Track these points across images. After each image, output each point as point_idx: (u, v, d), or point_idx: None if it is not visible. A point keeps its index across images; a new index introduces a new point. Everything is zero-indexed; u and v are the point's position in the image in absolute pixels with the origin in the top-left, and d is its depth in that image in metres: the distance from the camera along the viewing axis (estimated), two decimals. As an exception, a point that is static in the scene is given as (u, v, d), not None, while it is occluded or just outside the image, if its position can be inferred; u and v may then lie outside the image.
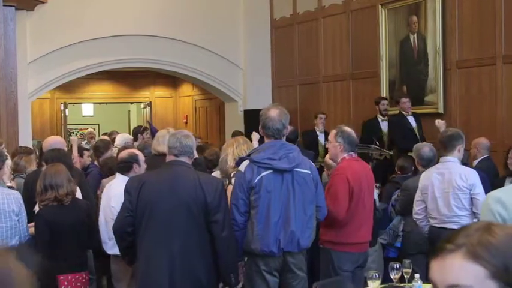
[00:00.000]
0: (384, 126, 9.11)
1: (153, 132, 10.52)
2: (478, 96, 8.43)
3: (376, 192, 5.70)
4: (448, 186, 5.19)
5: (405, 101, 8.65)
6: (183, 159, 4.18)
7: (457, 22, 8.59)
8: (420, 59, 9.10)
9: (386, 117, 9.11)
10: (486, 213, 3.03)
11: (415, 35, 9.16)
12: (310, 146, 9.22)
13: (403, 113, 8.64)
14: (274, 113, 4.48)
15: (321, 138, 9.40)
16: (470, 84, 8.53)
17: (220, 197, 4.10)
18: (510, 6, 7.96)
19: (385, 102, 9.17)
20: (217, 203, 4.06)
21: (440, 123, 7.35)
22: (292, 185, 4.39)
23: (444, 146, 5.32)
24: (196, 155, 4.29)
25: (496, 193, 3.20)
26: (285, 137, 4.56)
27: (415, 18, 9.14)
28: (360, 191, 4.92)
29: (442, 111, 8.66)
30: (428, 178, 5.33)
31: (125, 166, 5.20)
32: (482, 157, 6.93)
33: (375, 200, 5.47)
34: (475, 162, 6.80)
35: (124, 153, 5.35)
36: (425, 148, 6.09)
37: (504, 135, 7.92)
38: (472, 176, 5.20)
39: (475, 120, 8.20)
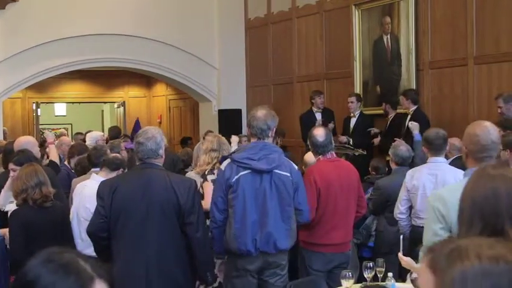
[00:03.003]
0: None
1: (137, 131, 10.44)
2: (450, 96, 8.52)
3: None
4: (441, 187, 5.21)
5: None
6: (152, 161, 4.14)
7: (430, 23, 8.67)
8: (393, 60, 9.16)
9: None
10: (428, 210, 3.09)
11: (388, 36, 9.22)
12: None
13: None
14: (260, 113, 4.53)
15: (353, 121, 9.33)
16: (443, 85, 8.62)
17: (193, 198, 4.07)
18: (481, 8, 8.06)
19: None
20: (190, 204, 4.04)
21: (413, 125, 7.39)
22: (270, 186, 4.41)
23: (436, 147, 5.33)
24: (163, 154, 4.21)
25: (439, 191, 3.26)
26: (270, 138, 4.57)
27: (388, 19, 9.20)
28: (328, 192, 4.94)
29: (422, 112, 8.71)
30: (419, 178, 5.31)
31: (120, 164, 5.23)
32: (453, 157, 7.01)
33: None
34: (447, 162, 6.86)
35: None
36: (402, 147, 6.14)
37: (475, 135, 8.00)
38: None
39: (447, 120, 8.27)
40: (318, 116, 9.64)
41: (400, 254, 3.79)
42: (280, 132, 10.10)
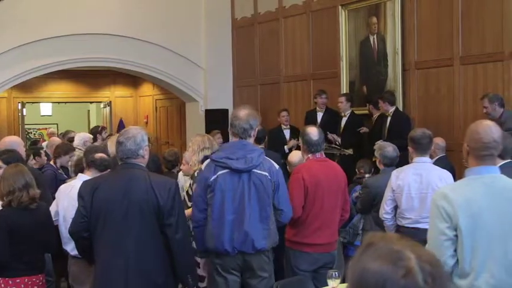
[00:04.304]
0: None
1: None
2: (436, 96, 8.56)
3: None
4: (426, 187, 5.22)
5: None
6: (133, 161, 4.10)
7: (416, 24, 8.72)
8: (380, 60, 9.19)
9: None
10: (433, 208, 3.10)
11: (375, 36, 9.25)
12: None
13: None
14: (242, 113, 4.51)
15: (343, 121, 9.38)
16: (429, 85, 8.66)
17: (173, 199, 4.02)
18: (467, 8, 8.11)
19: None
20: (170, 205, 3.99)
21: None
22: (248, 186, 4.40)
23: (422, 147, 5.35)
24: (144, 155, 4.16)
25: (443, 189, 3.26)
26: (252, 138, 4.55)
27: (374, 19, 9.23)
28: (315, 191, 4.95)
29: (401, 111, 8.76)
30: (403, 178, 5.33)
31: (108, 165, 5.24)
32: (438, 157, 7.07)
33: None
34: (432, 161, 6.90)
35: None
36: (389, 148, 6.15)
37: (461, 135, 8.03)
38: (450, 178, 5.28)
39: (432, 120, 8.32)
40: (320, 115, 9.62)
41: None
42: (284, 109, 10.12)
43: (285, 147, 9.50)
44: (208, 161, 4.49)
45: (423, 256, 1.42)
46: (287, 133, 9.89)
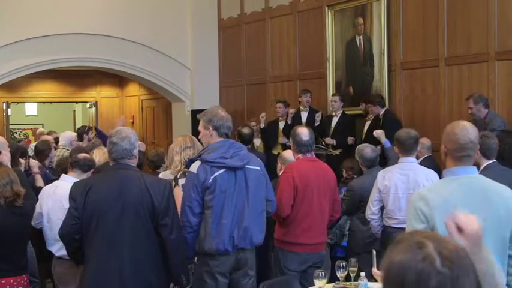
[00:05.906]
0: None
1: (101, 136, 10.32)
2: (421, 96, 8.60)
3: None
4: (414, 187, 5.22)
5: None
6: (126, 162, 4.09)
7: (402, 24, 8.75)
8: (366, 61, 9.22)
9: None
10: (411, 209, 3.09)
11: (361, 37, 9.28)
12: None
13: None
14: (224, 113, 4.54)
15: (334, 120, 9.34)
16: (414, 85, 8.69)
17: (168, 200, 4.02)
18: (453, 9, 8.15)
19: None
20: (165, 206, 3.99)
21: (378, 133, 7.37)
22: (245, 182, 4.42)
23: (407, 148, 5.37)
24: (137, 154, 4.16)
25: (422, 190, 3.26)
26: None
27: (361, 20, 9.26)
28: (305, 190, 4.98)
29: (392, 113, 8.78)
30: (390, 179, 5.34)
31: (92, 165, 5.23)
32: (424, 156, 7.10)
33: None
34: (418, 162, 6.93)
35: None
36: (367, 149, 6.17)
37: (447, 135, 8.07)
38: (436, 178, 5.28)
39: (418, 121, 8.36)
40: (304, 115, 9.61)
41: (374, 269, 3.81)
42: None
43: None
44: (198, 163, 4.40)
45: (442, 243, 1.51)
46: (282, 125, 9.83)
